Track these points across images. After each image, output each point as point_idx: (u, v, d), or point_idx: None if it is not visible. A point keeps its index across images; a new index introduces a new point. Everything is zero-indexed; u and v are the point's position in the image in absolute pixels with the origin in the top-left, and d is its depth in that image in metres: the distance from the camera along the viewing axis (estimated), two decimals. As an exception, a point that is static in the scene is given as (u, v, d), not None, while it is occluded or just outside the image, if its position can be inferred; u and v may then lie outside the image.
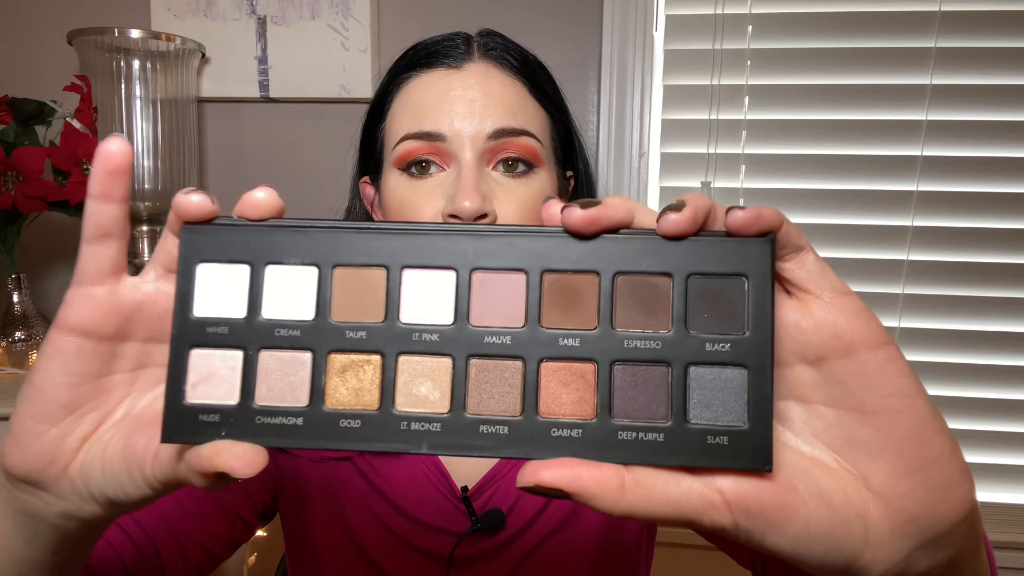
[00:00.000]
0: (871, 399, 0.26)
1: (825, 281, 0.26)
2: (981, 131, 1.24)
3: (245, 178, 1.36)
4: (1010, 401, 1.28)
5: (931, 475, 0.25)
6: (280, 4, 1.27)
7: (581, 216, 0.26)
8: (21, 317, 1.09)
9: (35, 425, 0.30)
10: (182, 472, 0.28)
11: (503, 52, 0.62)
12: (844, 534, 0.25)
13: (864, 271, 1.28)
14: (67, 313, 0.30)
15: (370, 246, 0.27)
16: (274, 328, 0.27)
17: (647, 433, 0.26)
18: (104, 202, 0.30)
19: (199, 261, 0.28)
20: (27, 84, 1.24)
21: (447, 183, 0.59)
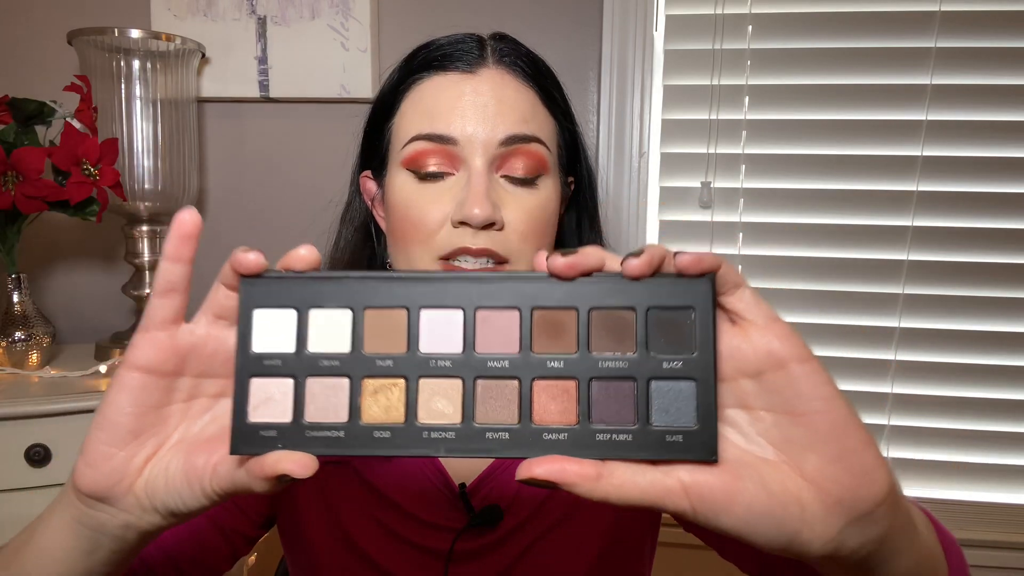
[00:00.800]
0: (800, 403, 0.32)
1: (759, 311, 0.33)
2: (981, 131, 1.24)
3: (245, 178, 1.36)
4: (1010, 401, 1.28)
5: (851, 463, 0.31)
6: (280, 4, 1.27)
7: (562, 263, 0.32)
8: (21, 317, 1.09)
9: (106, 448, 0.36)
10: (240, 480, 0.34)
11: (516, 58, 0.62)
12: (783, 514, 0.31)
13: (864, 271, 1.28)
14: (134, 354, 0.35)
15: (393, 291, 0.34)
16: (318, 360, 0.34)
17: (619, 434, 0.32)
18: (174, 263, 0.35)
19: (255, 307, 0.34)
20: (27, 84, 1.24)
21: (456, 188, 0.59)
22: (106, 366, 1.11)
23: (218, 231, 1.37)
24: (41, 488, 0.98)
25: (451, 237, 0.58)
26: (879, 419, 1.31)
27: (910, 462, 1.31)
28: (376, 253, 0.70)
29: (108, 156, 1.04)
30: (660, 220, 1.32)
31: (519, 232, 0.60)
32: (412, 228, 0.60)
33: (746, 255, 1.31)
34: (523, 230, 0.60)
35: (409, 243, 0.60)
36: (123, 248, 1.23)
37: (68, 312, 1.35)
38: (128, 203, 1.16)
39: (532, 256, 0.60)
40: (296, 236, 1.33)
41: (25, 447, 0.96)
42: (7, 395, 0.98)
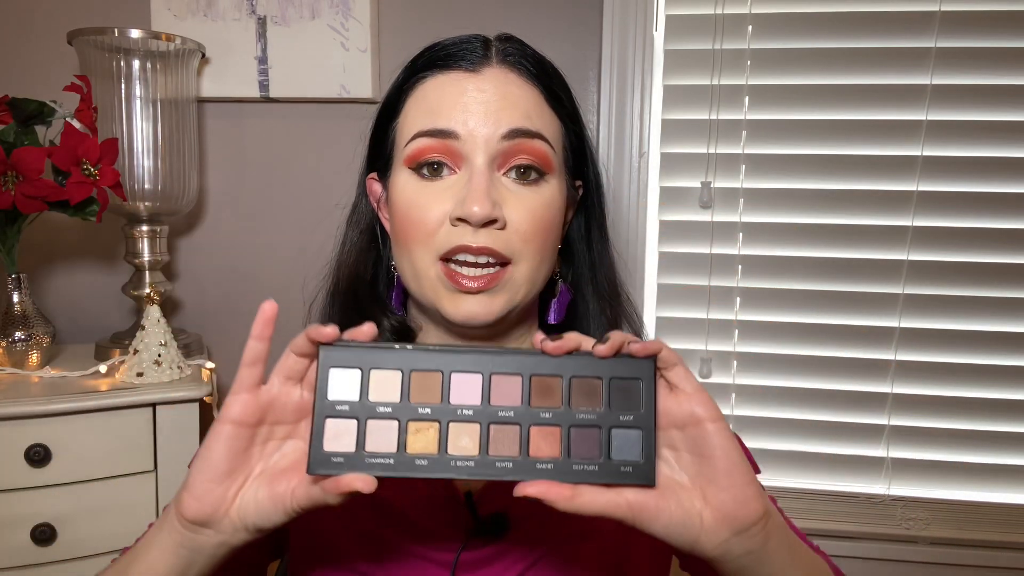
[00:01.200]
0: (708, 450, 0.45)
1: (688, 383, 0.46)
2: (981, 131, 1.24)
3: (245, 178, 1.36)
4: (1010, 401, 1.28)
5: (736, 494, 0.45)
6: (280, 4, 1.27)
7: (552, 347, 0.46)
8: (21, 317, 1.09)
9: (208, 485, 0.47)
10: (317, 496, 0.45)
11: (521, 58, 0.61)
12: (690, 523, 0.45)
13: (864, 271, 1.28)
14: (228, 411, 0.47)
15: (432, 359, 0.47)
16: (376, 407, 0.46)
17: (588, 465, 0.46)
18: (259, 341, 0.47)
19: (331, 367, 0.46)
20: (27, 84, 1.24)
21: (457, 186, 0.59)
22: (106, 366, 1.11)
23: (218, 231, 1.37)
24: (41, 488, 0.98)
25: (451, 235, 0.58)
26: (879, 419, 1.31)
27: (910, 462, 1.31)
28: (382, 256, 0.70)
29: (108, 156, 1.04)
30: (660, 220, 1.32)
31: (521, 232, 0.59)
32: (413, 227, 0.60)
33: (746, 255, 1.31)
34: (525, 229, 0.59)
35: (411, 243, 0.60)
36: (123, 248, 1.23)
37: (68, 312, 1.35)
38: (128, 203, 1.16)
39: (535, 257, 0.60)
40: (296, 236, 1.34)
41: (25, 447, 0.96)
42: (7, 395, 0.98)
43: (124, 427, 1.02)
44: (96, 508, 1.01)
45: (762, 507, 0.46)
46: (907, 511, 1.32)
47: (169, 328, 1.10)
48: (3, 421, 0.96)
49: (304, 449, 0.48)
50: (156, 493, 1.04)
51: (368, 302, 0.67)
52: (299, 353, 0.47)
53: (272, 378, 0.48)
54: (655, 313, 1.34)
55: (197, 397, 1.04)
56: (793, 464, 1.34)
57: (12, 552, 0.97)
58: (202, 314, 1.38)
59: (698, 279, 1.32)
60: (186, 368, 1.10)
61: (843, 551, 1.31)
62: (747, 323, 1.32)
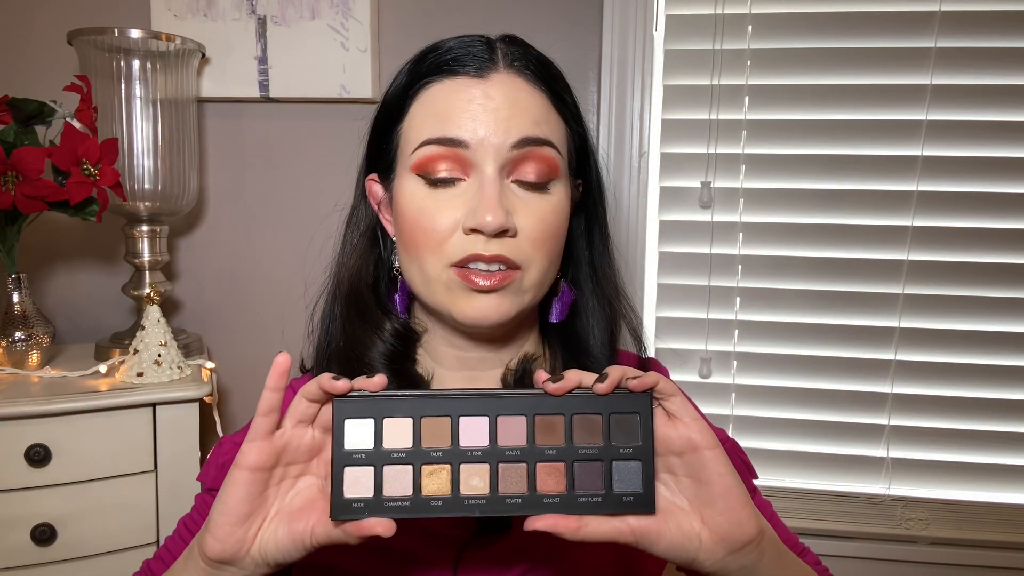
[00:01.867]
0: (705, 475, 0.49)
1: (686, 412, 0.49)
2: (981, 131, 1.24)
3: (245, 178, 1.36)
4: (1010, 401, 1.28)
5: (732, 516, 0.48)
6: (280, 4, 1.27)
7: (554, 388, 0.49)
8: (21, 317, 1.09)
9: (229, 528, 0.49)
10: (337, 536, 0.49)
11: (527, 62, 0.61)
12: (689, 544, 0.49)
13: (864, 271, 1.28)
14: (245, 458, 0.49)
15: (441, 405, 0.49)
16: (391, 453, 0.49)
17: (592, 497, 0.48)
18: (274, 392, 0.50)
19: (345, 418, 0.49)
20: (27, 84, 1.24)
21: (467, 194, 0.59)
22: (106, 366, 1.11)
23: (218, 231, 1.37)
24: (41, 488, 0.98)
25: (464, 244, 0.58)
26: (879, 419, 1.31)
27: (910, 462, 1.31)
28: (383, 257, 0.69)
29: (108, 156, 1.04)
30: (660, 220, 1.32)
31: (531, 239, 0.59)
32: (423, 235, 0.59)
33: (746, 255, 1.31)
34: (535, 237, 0.59)
35: (421, 251, 0.60)
36: (123, 248, 1.23)
37: (68, 312, 1.35)
38: (128, 203, 1.16)
39: (544, 263, 0.61)
40: (296, 236, 1.34)
41: (25, 447, 0.96)
42: (7, 395, 0.98)
43: (124, 427, 1.02)
44: (96, 508, 1.01)
45: (756, 527, 0.49)
46: (907, 511, 1.32)
47: (169, 328, 1.10)
48: (3, 421, 0.96)
49: (318, 485, 0.52)
50: (156, 493, 1.04)
51: (371, 305, 0.67)
52: (311, 399, 0.50)
53: (285, 422, 0.51)
54: (655, 313, 1.34)
55: (197, 397, 1.04)
56: (793, 464, 1.34)
57: (12, 552, 0.97)
58: (202, 314, 1.38)
59: (698, 279, 1.32)
60: (186, 368, 1.10)
61: (843, 551, 1.31)
62: (747, 323, 1.32)
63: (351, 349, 0.65)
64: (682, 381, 1.34)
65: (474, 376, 0.67)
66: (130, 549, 1.03)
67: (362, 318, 0.66)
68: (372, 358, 0.65)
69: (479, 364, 0.67)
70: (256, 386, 1.58)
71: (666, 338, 1.34)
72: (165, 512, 1.05)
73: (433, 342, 0.67)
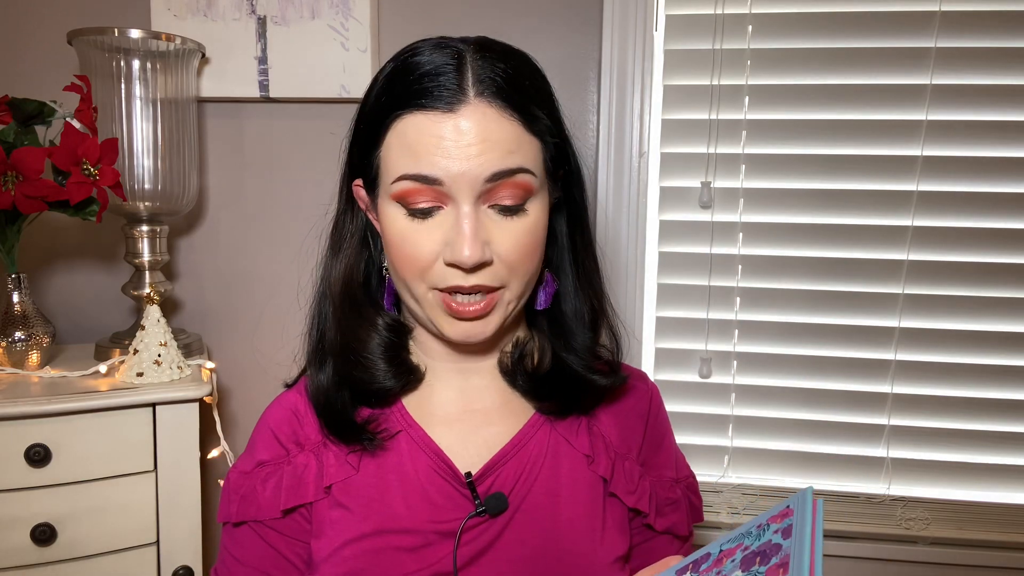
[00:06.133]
0: None
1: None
2: (981, 131, 1.24)
3: (245, 178, 1.36)
4: (1010, 401, 1.28)
5: None
6: (280, 4, 1.27)
7: None
8: (21, 317, 1.09)
9: None
10: None
11: (497, 89, 0.60)
12: None
13: (864, 271, 1.28)
14: None
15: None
16: None
17: None
18: None
19: None
20: (27, 84, 1.24)
21: (446, 224, 0.61)
22: (106, 366, 1.11)
23: (218, 231, 1.37)
24: (41, 488, 0.98)
25: (444, 274, 0.61)
26: (879, 419, 1.31)
27: (910, 462, 1.31)
28: (372, 257, 0.72)
29: (108, 156, 1.04)
30: (660, 220, 1.32)
31: (509, 262, 0.62)
32: (408, 262, 0.62)
33: (746, 255, 1.31)
34: (513, 260, 0.62)
35: (407, 275, 0.63)
36: (123, 248, 1.23)
37: (68, 312, 1.35)
38: (128, 203, 1.16)
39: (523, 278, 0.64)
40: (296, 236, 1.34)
41: (25, 447, 0.96)
42: (7, 395, 0.98)
43: (124, 427, 1.02)
44: (96, 508, 1.01)
45: None
46: (907, 511, 1.32)
47: (169, 328, 1.10)
48: (3, 421, 0.96)
49: None
50: (156, 493, 1.04)
51: (364, 302, 0.70)
52: None
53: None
54: (655, 313, 1.34)
55: (197, 397, 1.04)
56: (793, 464, 1.34)
57: (12, 552, 0.97)
58: (202, 314, 1.38)
59: (698, 279, 1.32)
60: (186, 368, 1.10)
61: (843, 551, 1.31)
62: (747, 323, 1.32)
63: (348, 345, 0.68)
64: (682, 381, 1.35)
65: (466, 367, 0.72)
66: (130, 549, 1.03)
67: (356, 314, 0.69)
68: (371, 351, 0.68)
69: (469, 357, 0.71)
70: (256, 386, 1.58)
71: (666, 338, 1.34)
72: (165, 512, 1.05)
73: (422, 338, 0.72)
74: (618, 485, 0.70)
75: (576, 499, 0.68)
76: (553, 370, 0.70)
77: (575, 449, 0.70)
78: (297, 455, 0.69)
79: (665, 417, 0.78)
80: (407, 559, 0.64)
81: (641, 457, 0.73)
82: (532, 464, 0.68)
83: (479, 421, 0.70)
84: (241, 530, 0.70)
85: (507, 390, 0.72)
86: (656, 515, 0.72)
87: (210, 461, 1.19)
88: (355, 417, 0.68)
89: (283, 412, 0.72)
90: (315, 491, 0.68)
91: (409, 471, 0.67)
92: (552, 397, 0.70)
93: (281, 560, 0.69)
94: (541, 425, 0.70)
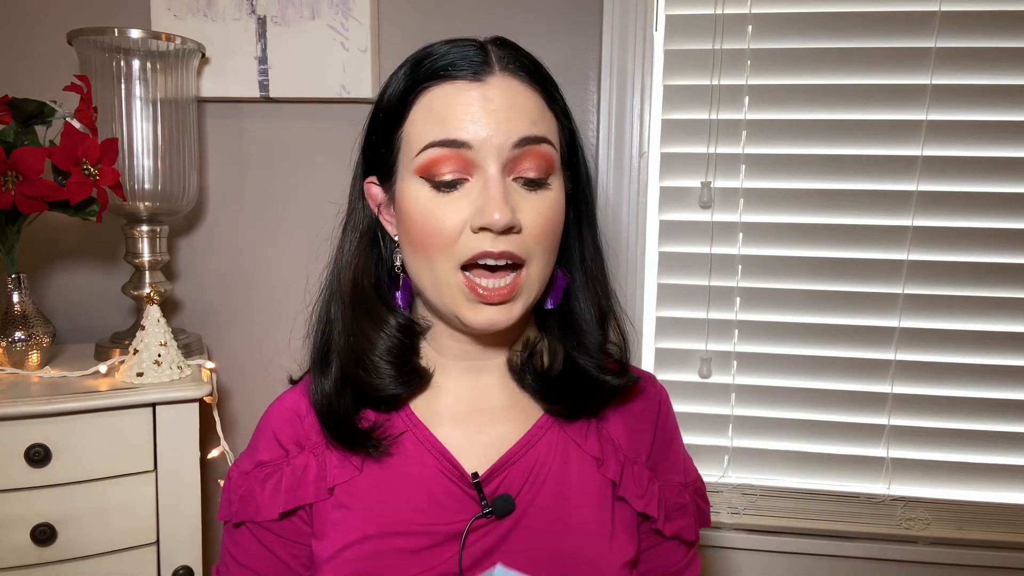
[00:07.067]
0: None
1: None
2: (981, 131, 1.24)
3: (245, 178, 1.36)
4: (1010, 401, 1.28)
5: None
6: (280, 4, 1.27)
7: None
8: (21, 317, 1.09)
9: None
10: None
11: (520, 64, 0.64)
12: None
13: (864, 271, 1.28)
14: None
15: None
16: None
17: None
18: None
19: None
20: (27, 84, 1.24)
21: (472, 193, 0.61)
22: (106, 366, 1.11)
23: (218, 231, 1.37)
24: (41, 488, 0.98)
25: (472, 242, 0.61)
26: (879, 419, 1.31)
27: (910, 462, 1.31)
28: (383, 257, 0.72)
29: (108, 156, 1.04)
30: (660, 220, 1.32)
31: (534, 235, 0.62)
32: (433, 237, 0.62)
33: (746, 255, 1.31)
34: (538, 232, 0.62)
35: (430, 252, 0.62)
36: (123, 248, 1.23)
37: (68, 312, 1.35)
38: (128, 203, 1.16)
39: (545, 256, 0.64)
40: (296, 236, 1.34)
41: (25, 447, 0.96)
42: (7, 395, 0.98)
43: (124, 427, 1.02)
44: (96, 508, 1.01)
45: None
46: (907, 511, 1.32)
47: (169, 328, 1.10)
48: (3, 421, 0.96)
49: None
50: (156, 493, 1.04)
51: (375, 302, 0.69)
52: None
53: None
54: (655, 313, 1.34)
55: (197, 397, 1.04)
56: (793, 464, 1.34)
57: (12, 552, 0.97)
58: (202, 314, 1.38)
59: (698, 279, 1.32)
60: (186, 368, 1.10)
61: (843, 551, 1.31)
62: (747, 323, 1.32)
63: (356, 346, 0.68)
64: (682, 381, 1.35)
65: (477, 366, 0.71)
66: (130, 549, 1.03)
67: (367, 315, 0.68)
68: (379, 354, 0.67)
69: (481, 355, 0.71)
70: (256, 386, 1.59)
71: (666, 338, 1.34)
72: (165, 512, 1.05)
73: (437, 336, 0.71)
74: (627, 489, 0.70)
75: (585, 502, 0.68)
76: (565, 371, 0.70)
77: (584, 451, 0.70)
78: (297, 456, 0.69)
79: (674, 420, 0.78)
80: (411, 561, 0.64)
81: (651, 461, 0.73)
82: (540, 465, 0.68)
83: (487, 421, 0.70)
84: (240, 531, 0.70)
85: (516, 390, 0.71)
86: (665, 520, 0.71)
87: (210, 461, 1.19)
88: (359, 423, 0.68)
89: (284, 412, 0.72)
90: (315, 492, 0.67)
91: (414, 472, 0.67)
92: (563, 399, 0.70)
93: (277, 563, 0.69)
94: (550, 426, 0.70)
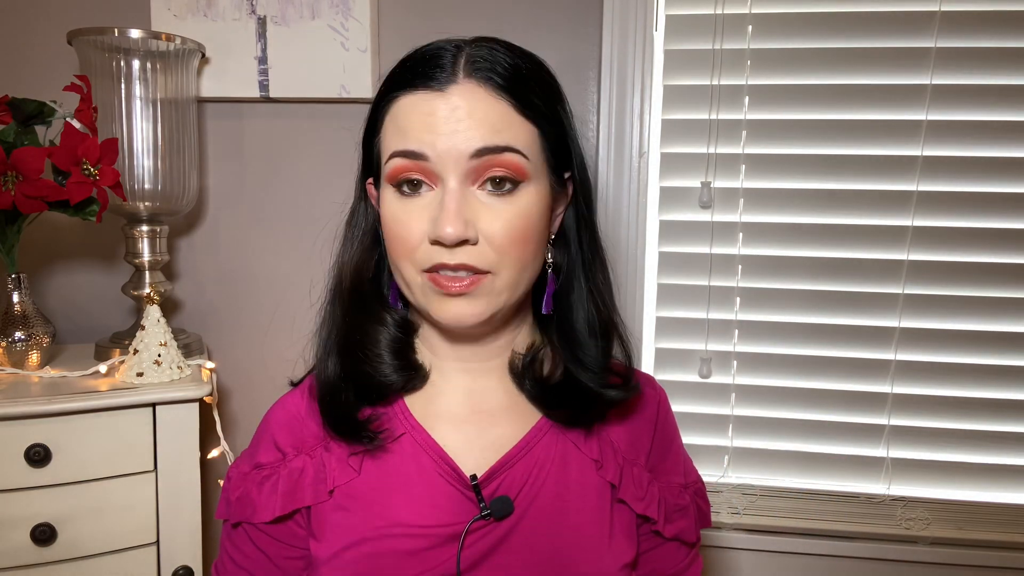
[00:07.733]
0: None
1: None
2: (981, 131, 1.24)
3: (245, 178, 1.36)
4: (1010, 401, 1.28)
5: None
6: (280, 4, 1.27)
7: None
8: (21, 317, 1.09)
9: None
10: None
11: (489, 71, 0.62)
12: None
13: (864, 271, 1.28)
14: None
15: None
16: None
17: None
18: None
19: None
20: (27, 84, 1.24)
21: (433, 204, 0.61)
22: (106, 366, 1.11)
23: (218, 231, 1.37)
24: (41, 488, 0.98)
25: (430, 253, 0.61)
26: (879, 419, 1.31)
27: (910, 462, 1.31)
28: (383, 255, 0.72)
29: (108, 156, 1.04)
30: (660, 220, 1.32)
31: (496, 244, 0.61)
32: (398, 243, 0.63)
33: (746, 255, 1.31)
34: (500, 242, 0.61)
35: (397, 257, 0.64)
36: (123, 248, 1.23)
37: (68, 312, 1.35)
38: (128, 203, 1.16)
39: (516, 265, 0.63)
40: (296, 236, 1.34)
41: (25, 447, 0.96)
42: (7, 395, 0.98)
43: (124, 427, 1.02)
44: (96, 508, 1.01)
45: None
46: (907, 511, 1.32)
47: (169, 328, 1.10)
48: (3, 421, 0.96)
49: None
50: (156, 493, 1.04)
51: (372, 299, 0.70)
52: None
53: None
54: (655, 313, 1.34)
55: (197, 397, 1.04)
56: (793, 464, 1.34)
57: (12, 552, 0.97)
58: (202, 314, 1.38)
59: (698, 279, 1.32)
60: (186, 368, 1.10)
61: (843, 551, 1.31)
62: (747, 323, 1.32)
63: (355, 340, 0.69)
64: (682, 381, 1.35)
65: (474, 368, 0.71)
66: (130, 549, 1.03)
67: (366, 311, 0.70)
68: (378, 346, 0.68)
69: (472, 357, 0.71)
70: (256, 386, 1.58)
71: (666, 338, 1.34)
72: (165, 512, 1.05)
73: (427, 335, 0.72)
74: (627, 491, 0.69)
75: (584, 504, 0.68)
76: (564, 381, 0.69)
77: (583, 454, 0.70)
78: (294, 459, 0.69)
79: (673, 422, 0.78)
80: (409, 563, 0.64)
81: (650, 463, 0.73)
82: (540, 468, 0.68)
83: (485, 422, 0.70)
84: (237, 531, 0.71)
85: (515, 392, 0.71)
86: (665, 522, 0.71)
87: (210, 461, 1.19)
88: (357, 415, 0.68)
89: (284, 415, 0.72)
90: (313, 494, 0.68)
91: (412, 473, 0.67)
92: (560, 407, 0.70)
93: (270, 566, 0.69)
94: (549, 428, 0.70)
